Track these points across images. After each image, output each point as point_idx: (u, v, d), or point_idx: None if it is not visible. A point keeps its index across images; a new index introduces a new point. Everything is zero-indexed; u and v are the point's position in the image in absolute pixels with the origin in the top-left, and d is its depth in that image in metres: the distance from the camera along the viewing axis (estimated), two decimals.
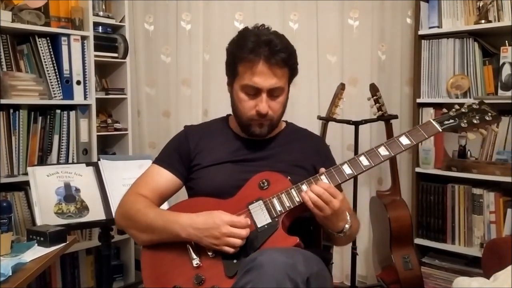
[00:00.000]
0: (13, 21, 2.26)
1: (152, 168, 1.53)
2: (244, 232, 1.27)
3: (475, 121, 1.38)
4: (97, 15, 2.66)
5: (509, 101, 2.27)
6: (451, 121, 1.38)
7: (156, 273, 1.36)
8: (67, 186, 2.05)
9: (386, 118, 2.42)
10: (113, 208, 2.06)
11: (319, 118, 2.55)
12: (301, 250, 1.23)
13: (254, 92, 1.41)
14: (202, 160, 1.49)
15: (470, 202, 2.44)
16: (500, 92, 2.34)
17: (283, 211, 1.32)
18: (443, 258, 2.56)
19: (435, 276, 2.54)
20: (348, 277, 2.59)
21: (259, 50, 1.37)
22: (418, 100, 2.60)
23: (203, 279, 1.28)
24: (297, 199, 1.33)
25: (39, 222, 1.90)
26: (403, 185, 2.59)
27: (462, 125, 1.38)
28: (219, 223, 1.27)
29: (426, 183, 2.58)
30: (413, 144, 1.36)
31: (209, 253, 1.31)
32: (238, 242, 1.26)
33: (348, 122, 2.48)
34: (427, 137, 1.37)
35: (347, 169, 1.35)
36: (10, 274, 1.35)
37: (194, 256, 1.32)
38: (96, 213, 2.03)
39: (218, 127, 1.59)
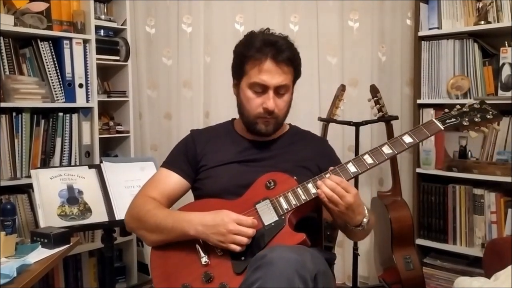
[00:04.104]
0: (15, 25, 2.27)
1: (161, 172, 1.57)
2: (251, 231, 1.29)
3: (476, 120, 1.40)
4: (99, 18, 2.68)
5: (509, 102, 2.28)
6: (453, 119, 1.40)
7: (165, 273, 1.38)
8: (70, 188, 2.06)
9: (387, 119, 2.43)
10: (116, 210, 2.07)
11: (320, 119, 2.56)
12: (308, 249, 1.26)
13: (261, 89, 1.45)
14: (209, 161, 1.52)
15: (471, 203, 2.45)
16: (500, 92, 2.35)
17: (290, 209, 1.34)
18: (445, 258, 2.57)
19: (437, 276, 2.55)
20: (350, 278, 2.60)
21: (266, 49, 1.43)
22: (419, 101, 2.61)
23: (212, 277, 1.30)
24: (303, 197, 1.35)
25: (42, 224, 1.91)
26: (404, 185, 2.59)
27: (464, 123, 1.40)
28: (227, 220, 1.29)
29: (427, 184, 2.59)
30: (416, 142, 1.38)
31: (218, 251, 1.33)
32: (244, 240, 1.29)
33: (348, 123, 2.49)
34: (429, 135, 1.39)
35: (351, 168, 1.37)
36: (15, 275, 1.36)
37: (202, 254, 1.34)
38: (98, 215, 2.04)
39: (223, 130, 1.63)
